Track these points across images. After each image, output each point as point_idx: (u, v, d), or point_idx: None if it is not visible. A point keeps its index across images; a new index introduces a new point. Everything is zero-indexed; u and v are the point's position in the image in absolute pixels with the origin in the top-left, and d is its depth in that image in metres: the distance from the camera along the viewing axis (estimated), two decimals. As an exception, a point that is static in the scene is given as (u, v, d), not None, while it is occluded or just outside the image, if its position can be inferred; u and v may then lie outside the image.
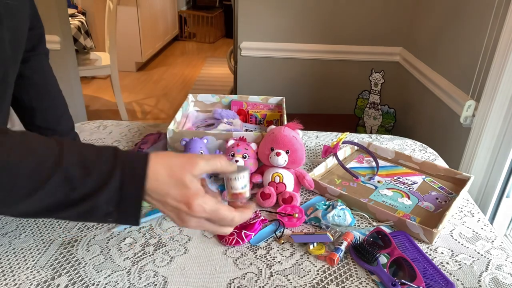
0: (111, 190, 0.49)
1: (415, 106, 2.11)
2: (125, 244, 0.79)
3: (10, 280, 0.70)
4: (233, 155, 0.91)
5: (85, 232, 0.82)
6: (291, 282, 0.71)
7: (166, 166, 0.51)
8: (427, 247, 0.81)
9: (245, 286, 0.70)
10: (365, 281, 0.72)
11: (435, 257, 0.78)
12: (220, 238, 0.80)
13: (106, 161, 0.49)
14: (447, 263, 0.77)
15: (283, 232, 0.83)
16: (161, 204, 0.53)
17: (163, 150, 1.06)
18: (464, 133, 1.53)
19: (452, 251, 0.80)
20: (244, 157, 0.91)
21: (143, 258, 0.76)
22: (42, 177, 0.46)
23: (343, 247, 0.77)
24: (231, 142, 0.94)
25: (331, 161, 1.08)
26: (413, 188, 1.00)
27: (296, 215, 0.86)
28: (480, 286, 0.72)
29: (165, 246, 0.79)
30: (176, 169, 0.52)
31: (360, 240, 0.78)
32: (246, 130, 1.12)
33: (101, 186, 0.48)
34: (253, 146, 0.95)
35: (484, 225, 0.88)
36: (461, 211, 0.93)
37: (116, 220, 0.52)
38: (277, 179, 0.92)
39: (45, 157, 0.47)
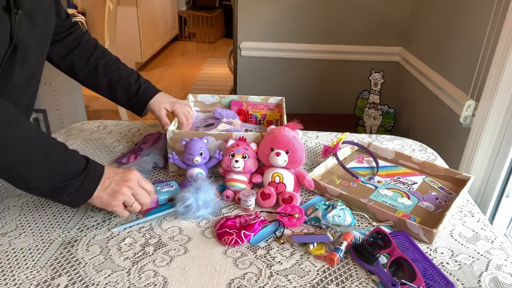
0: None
1: (415, 106, 2.11)
2: (125, 244, 0.79)
3: (10, 280, 0.70)
4: (233, 155, 0.91)
5: (85, 232, 0.82)
6: (291, 282, 0.71)
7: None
8: (427, 247, 0.81)
9: (245, 286, 0.70)
10: (365, 281, 0.72)
11: (435, 257, 0.78)
12: (220, 238, 0.80)
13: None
14: (447, 263, 0.77)
15: (283, 232, 0.83)
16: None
17: (163, 150, 1.07)
18: (464, 133, 1.53)
19: (452, 251, 0.80)
20: (244, 157, 0.91)
21: (143, 258, 0.76)
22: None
23: (343, 247, 0.77)
24: (231, 142, 0.94)
25: (331, 161, 1.08)
26: (413, 188, 1.00)
27: (296, 215, 0.86)
28: (480, 286, 0.72)
29: (165, 246, 0.79)
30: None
31: (360, 240, 0.78)
32: (246, 130, 1.12)
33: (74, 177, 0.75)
34: (253, 146, 0.95)
35: (484, 225, 0.89)
36: (461, 211, 0.93)
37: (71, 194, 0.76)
38: (277, 179, 0.92)
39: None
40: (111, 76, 1.04)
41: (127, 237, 0.81)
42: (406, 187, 1.00)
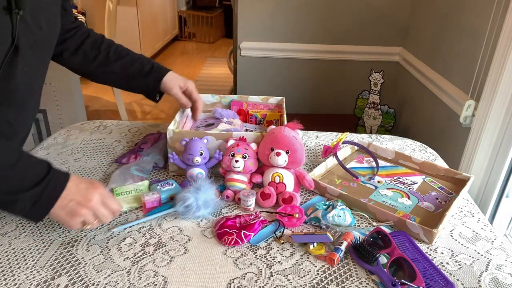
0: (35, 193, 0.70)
1: (415, 106, 2.11)
2: (125, 244, 0.79)
3: (10, 280, 0.70)
4: (233, 155, 0.91)
5: (85, 232, 0.81)
6: (291, 282, 0.71)
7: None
8: (427, 247, 0.81)
9: (245, 286, 0.70)
10: (365, 281, 0.72)
11: (435, 257, 0.78)
12: (220, 238, 0.80)
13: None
14: (447, 263, 0.77)
15: (283, 232, 0.83)
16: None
17: (163, 150, 1.07)
18: (464, 133, 1.53)
19: (452, 251, 0.80)
20: (244, 157, 0.91)
21: (143, 258, 0.76)
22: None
23: (343, 247, 0.77)
24: (231, 142, 0.94)
25: (331, 161, 1.08)
26: (413, 188, 1.00)
27: (296, 215, 0.86)
28: (480, 286, 0.72)
29: (165, 246, 0.79)
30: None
31: (360, 240, 0.78)
32: (246, 130, 1.12)
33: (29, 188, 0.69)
34: (253, 146, 0.95)
35: (484, 225, 0.89)
36: (461, 211, 0.93)
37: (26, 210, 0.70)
38: (277, 179, 0.92)
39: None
40: (123, 61, 1.04)
41: (127, 237, 0.81)
42: (406, 187, 1.00)
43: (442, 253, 0.80)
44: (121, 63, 1.04)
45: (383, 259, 0.75)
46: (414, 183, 1.02)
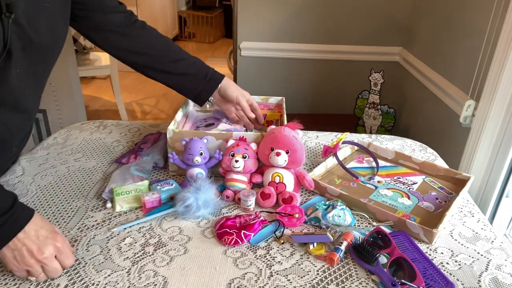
0: None
1: (415, 106, 2.11)
2: (125, 244, 0.79)
3: (10, 280, 0.70)
4: (233, 155, 0.91)
5: (85, 232, 0.82)
6: (291, 282, 0.71)
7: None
8: (427, 247, 0.81)
9: (245, 286, 0.70)
10: (365, 281, 0.72)
11: (435, 257, 0.78)
12: (220, 238, 0.80)
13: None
14: (447, 263, 0.77)
15: (283, 232, 0.83)
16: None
17: (163, 150, 1.07)
18: (464, 133, 1.53)
19: (452, 251, 0.80)
20: (244, 157, 0.91)
21: (143, 258, 0.76)
22: None
23: (343, 247, 0.77)
24: (231, 142, 0.94)
25: (331, 161, 1.08)
26: (413, 188, 1.00)
27: (296, 215, 0.86)
28: (480, 286, 0.72)
29: (165, 246, 0.79)
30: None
31: (360, 240, 0.78)
32: (246, 130, 1.12)
33: None
34: (253, 146, 0.95)
35: (484, 225, 0.89)
36: (461, 211, 0.93)
37: None
38: (277, 179, 0.92)
39: None
40: (182, 62, 1.05)
41: (127, 237, 0.81)
42: (406, 187, 1.00)
43: (442, 253, 0.80)
44: (180, 64, 1.04)
45: (383, 259, 0.75)
46: (414, 183, 1.02)
